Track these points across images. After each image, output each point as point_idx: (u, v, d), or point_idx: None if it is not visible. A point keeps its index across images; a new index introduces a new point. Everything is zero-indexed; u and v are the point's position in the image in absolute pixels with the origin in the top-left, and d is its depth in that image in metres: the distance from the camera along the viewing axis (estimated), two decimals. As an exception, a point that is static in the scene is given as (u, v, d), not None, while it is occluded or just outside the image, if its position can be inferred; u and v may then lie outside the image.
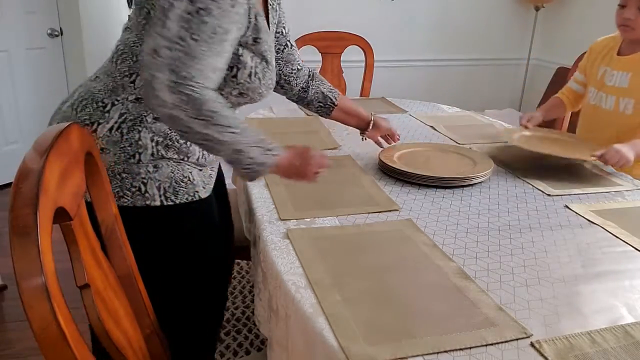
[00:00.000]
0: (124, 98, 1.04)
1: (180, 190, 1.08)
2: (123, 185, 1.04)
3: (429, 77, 3.98)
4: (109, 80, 1.06)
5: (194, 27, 0.91)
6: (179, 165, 1.08)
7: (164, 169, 1.06)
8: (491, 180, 1.41)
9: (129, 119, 1.03)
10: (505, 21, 3.98)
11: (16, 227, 0.54)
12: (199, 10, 0.91)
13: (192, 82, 0.91)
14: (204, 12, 0.91)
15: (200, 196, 1.12)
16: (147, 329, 0.94)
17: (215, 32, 0.93)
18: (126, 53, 1.06)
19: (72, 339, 0.55)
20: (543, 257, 1.02)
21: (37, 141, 0.67)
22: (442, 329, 0.78)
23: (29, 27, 3.16)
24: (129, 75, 1.05)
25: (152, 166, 1.05)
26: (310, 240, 1.03)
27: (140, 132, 1.03)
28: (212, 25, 0.92)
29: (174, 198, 1.07)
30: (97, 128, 1.03)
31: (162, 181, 1.05)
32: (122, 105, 1.04)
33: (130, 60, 1.05)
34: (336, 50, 2.72)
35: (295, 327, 0.86)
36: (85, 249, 0.76)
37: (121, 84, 1.05)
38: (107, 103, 1.04)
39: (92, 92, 1.06)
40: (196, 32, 0.91)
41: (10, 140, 3.21)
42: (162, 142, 1.05)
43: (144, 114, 1.04)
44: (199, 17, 0.91)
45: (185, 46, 0.91)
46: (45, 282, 0.53)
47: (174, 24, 0.90)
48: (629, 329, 0.80)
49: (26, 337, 1.92)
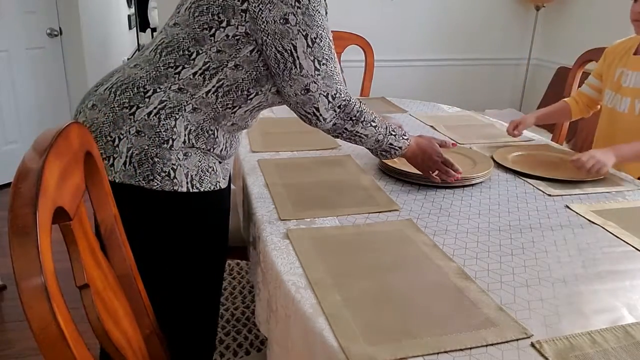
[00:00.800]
0: (167, 87, 1.09)
1: (205, 179, 1.13)
2: (154, 169, 1.07)
3: (429, 77, 3.98)
4: (152, 69, 1.11)
5: (318, 55, 1.09)
6: (206, 156, 1.14)
7: (192, 157, 1.11)
8: (491, 180, 1.41)
9: (169, 106, 1.09)
10: (506, 21, 3.98)
11: (15, 227, 0.54)
12: (314, 40, 1.08)
13: (340, 94, 1.13)
14: (318, 39, 1.09)
15: (220, 186, 1.18)
16: (147, 329, 0.94)
17: (330, 47, 1.13)
18: (172, 46, 1.11)
19: (72, 339, 0.55)
20: (543, 257, 1.02)
21: (37, 141, 0.67)
22: (443, 329, 0.78)
23: (28, 27, 3.16)
24: (174, 67, 1.10)
25: (183, 154, 1.09)
26: (310, 240, 1.03)
27: (177, 119, 1.09)
28: (326, 44, 1.11)
29: (199, 186, 1.12)
30: (135, 111, 1.08)
31: (190, 169, 1.10)
32: (163, 93, 1.09)
33: (176, 54, 1.11)
34: (336, 50, 2.71)
35: (295, 327, 0.86)
36: (85, 249, 0.76)
37: (165, 74, 1.10)
38: (148, 89, 1.09)
39: (134, 78, 1.11)
40: (322, 58, 1.10)
41: (9, 139, 3.21)
42: (194, 132, 1.11)
43: (183, 103, 1.09)
44: (318, 45, 1.09)
45: (322, 73, 1.10)
46: (44, 282, 0.53)
47: (305, 61, 1.08)
48: (630, 329, 0.80)
49: (26, 337, 1.92)
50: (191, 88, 1.10)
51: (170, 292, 1.17)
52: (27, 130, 3.25)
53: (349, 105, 1.15)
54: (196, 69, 1.09)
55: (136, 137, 1.06)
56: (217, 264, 1.27)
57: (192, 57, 1.09)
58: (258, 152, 1.59)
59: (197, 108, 1.11)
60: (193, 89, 1.10)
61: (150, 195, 1.07)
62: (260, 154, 1.57)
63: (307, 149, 1.50)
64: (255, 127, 1.85)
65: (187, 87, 1.09)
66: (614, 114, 1.67)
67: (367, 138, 1.21)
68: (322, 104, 1.11)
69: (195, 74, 1.09)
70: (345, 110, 1.15)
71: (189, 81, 1.09)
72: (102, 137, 1.07)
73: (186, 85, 1.09)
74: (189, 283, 1.20)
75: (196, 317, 1.26)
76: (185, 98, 1.10)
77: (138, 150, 1.06)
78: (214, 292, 1.29)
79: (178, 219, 1.14)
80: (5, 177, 3.17)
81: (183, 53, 1.10)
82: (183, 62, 1.10)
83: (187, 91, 1.10)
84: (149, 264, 1.04)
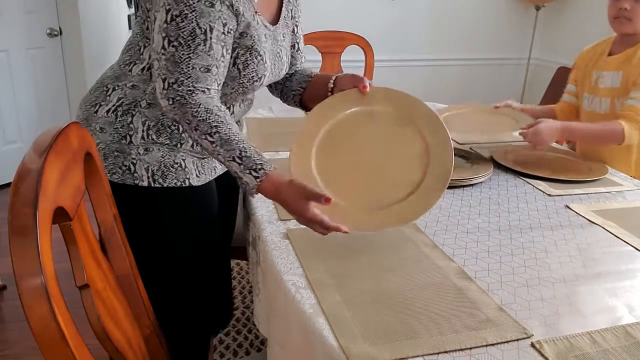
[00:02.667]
0: (124, 84, 1.12)
1: (169, 175, 1.12)
2: (116, 162, 1.10)
3: (429, 77, 3.97)
4: (116, 67, 1.15)
5: (172, 34, 0.98)
6: (172, 151, 1.12)
7: (154, 152, 1.11)
8: (491, 180, 1.41)
9: (125, 103, 1.10)
10: (506, 21, 3.97)
11: (15, 227, 0.54)
12: (174, 18, 0.98)
13: (178, 87, 0.99)
14: (179, 18, 0.97)
15: (191, 183, 1.15)
16: (147, 329, 0.94)
17: (195, 34, 0.98)
18: (130, 42, 1.15)
19: (72, 339, 0.55)
20: (543, 257, 1.02)
21: (37, 141, 0.67)
22: (442, 329, 0.78)
23: (28, 27, 3.15)
24: (128, 64, 1.13)
25: (143, 149, 1.10)
26: (310, 240, 1.03)
27: (133, 115, 1.10)
28: (189, 29, 0.98)
29: (161, 181, 1.11)
30: (98, 109, 1.12)
31: (151, 164, 1.10)
32: (121, 90, 1.11)
33: (132, 50, 1.13)
34: (336, 50, 2.71)
35: (295, 327, 0.86)
36: (85, 249, 0.76)
37: (123, 72, 1.13)
38: (109, 88, 1.13)
39: (103, 78, 1.16)
40: (175, 39, 0.98)
41: (9, 140, 3.20)
42: (153, 127, 1.10)
43: (138, 100, 1.10)
44: (175, 24, 0.98)
45: (167, 54, 0.99)
46: (44, 283, 0.53)
47: (157, 35, 1.00)
48: (630, 329, 0.80)
49: (26, 337, 1.92)
50: (142, 84, 1.11)
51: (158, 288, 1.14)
52: (27, 130, 3.24)
53: (186, 105, 0.99)
54: (144, 64, 1.11)
55: (100, 133, 1.11)
56: (209, 261, 1.26)
57: (141, 51, 1.12)
58: (258, 152, 1.58)
59: (152, 104, 1.10)
60: (143, 84, 1.11)
61: (115, 189, 1.01)
62: (260, 154, 1.57)
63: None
64: (256, 127, 1.85)
65: (139, 83, 1.11)
66: (596, 116, 1.66)
67: (208, 152, 1.02)
68: (158, 86, 1.01)
69: (143, 69, 1.11)
70: (182, 109, 0.99)
71: (139, 77, 1.11)
72: None
73: (138, 82, 1.11)
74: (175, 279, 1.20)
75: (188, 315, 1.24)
76: (139, 94, 1.11)
77: (103, 145, 1.10)
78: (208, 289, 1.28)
79: (144, 213, 1.14)
80: (5, 177, 3.17)
81: (136, 49, 1.13)
82: (135, 58, 1.12)
83: (139, 87, 1.11)
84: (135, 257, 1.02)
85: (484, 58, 4.04)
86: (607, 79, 1.61)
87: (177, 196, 1.14)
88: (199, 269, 1.23)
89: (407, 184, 0.96)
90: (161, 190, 1.12)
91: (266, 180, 0.96)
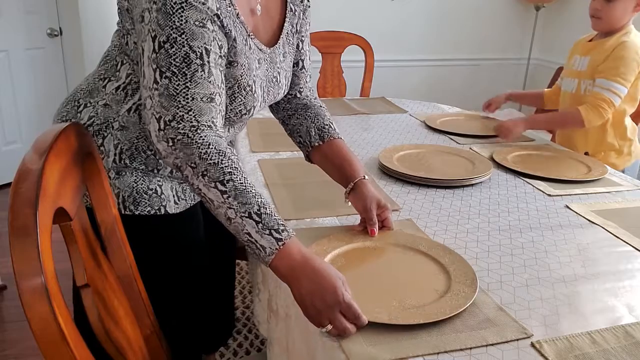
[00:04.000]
0: (96, 102, 1.01)
1: (141, 202, 1.01)
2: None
3: (429, 77, 3.98)
4: (91, 80, 1.04)
5: (163, 64, 0.84)
6: (146, 177, 1.02)
7: (126, 177, 1.00)
8: (491, 180, 1.41)
9: (96, 122, 1.00)
10: (505, 21, 3.98)
11: (16, 228, 0.54)
12: (162, 45, 0.84)
13: (178, 124, 0.84)
14: (167, 44, 0.84)
15: (167, 211, 1.03)
16: (147, 329, 0.94)
17: (189, 59, 0.84)
18: (107, 54, 1.04)
19: (72, 339, 0.55)
20: (543, 257, 1.02)
21: (37, 141, 0.67)
22: (442, 329, 0.78)
23: (28, 27, 3.15)
24: (102, 79, 1.02)
25: (115, 172, 1.00)
26: (310, 240, 1.03)
27: (104, 137, 0.99)
28: (181, 54, 0.84)
29: (132, 208, 1.01)
30: None
31: (122, 189, 1.00)
32: (92, 108, 1.01)
33: (108, 64, 1.02)
34: (336, 50, 2.72)
35: (295, 327, 0.86)
36: (85, 249, 0.76)
37: (96, 87, 1.02)
38: (81, 103, 1.02)
39: (75, 91, 1.05)
40: (166, 69, 0.84)
41: (9, 140, 3.21)
42: (127, 151, 1.00)
43: (110, 120, 1.00)
44: (165, 51, 0.84)
45: (160, 88, 0.84)
46: (44, 283, 0.53)
47: (147, 69, 0.86)
48: (629, 329, 0.80)
49: (26, 337, 1.92)
50: (114, 104, 1.00)
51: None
52: (27, 131, 3.25)
53: (191, 145, 0.83)
54: (120, 82, 1.00)
55: None
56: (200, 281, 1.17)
57: (118, 67, 1.01)
58: (258, 152, 1.58)
59: (124, 126, 0.99)
60: (116, 105, 1.00)
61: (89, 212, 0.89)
62: (260, 154, 1.57)
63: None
64: (256, 127, 1.85)
65: (111, 102, 1.00)
66: (566, 96, 1.87)
67: (213, 206, 0.83)
68: (152, 128, 0.85)
69: (117, 88, 1.00)
70: (185, 150, 0.83)
71: (112, 96, 1.00)
72: None
73: (111, 101, 1.00)
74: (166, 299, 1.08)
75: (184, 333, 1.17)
76: (111, 114, 1.00)
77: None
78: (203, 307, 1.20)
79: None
80: (5, 177, 3.17)
81: (112, 63, 1.02)
82: (110, 74, 1.01)
83: (111, 107, 1.00)
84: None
85: (484, 58, 4.04)
86: (578, 62, 1.82)
87: (149, 224, 1.03)
88: (184, 293, 1.13)
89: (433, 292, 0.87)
90: (134, 218, 1.00)
91: (291, 243, 0.80)
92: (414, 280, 0.90)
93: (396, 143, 1.70)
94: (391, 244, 1.02)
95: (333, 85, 2.77)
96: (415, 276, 0.92)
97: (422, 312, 0.81)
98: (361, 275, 0.91)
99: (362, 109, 2.19)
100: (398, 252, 0.99)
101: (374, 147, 1.66)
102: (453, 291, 0.86)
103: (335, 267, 0.85)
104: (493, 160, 1.54)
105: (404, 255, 0.98)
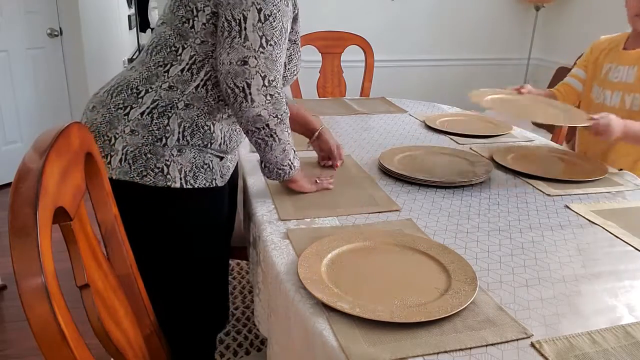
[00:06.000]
0: (158, 86, 1.12)
1: (199, 176, 1.14)
2: (147, 165, 1.09)
3: (429, 77, 3.98)
4: (144, 70, 1.14)
5: (268, 33, 1.03)
6: (201, 152, 1.14)
7: (187, 153, 1.12)
8: (491, 180, 1.41)
9: (161, 105, 1.11)
10: (505, 21, 3.98)
11: (16, 227, 0.54)
12: (267, 17, 1.03)
13: (276, 84, 1.06)
14: (271, 17, 1.03)
15: (217, 184, 1.18)
16: (147, 329, 0.94)
17: (282, 33, 1.06)
18: (160, 45, 1.14)
19: (72, 339, 0.55)
20: (543, 257, 1.02)
21: (37, 141, 0.67)
22: (442, 329, 0.78)
23: (28, 27, 3.16)
24: (163, 65, 1.12)
25: (177, 150, 1.11)
26: (310, 240, 1.03)
27: (169, 117, 1.10)
28: (279, 28, 1.05)
29: (192, 182, 1.13)
30: (129, 111, 1.10)
31: (184, 165, 1.11)
32: (155, 92, 1.11)
33: (164, 52, 1.13)
34: (336, 50, 2.72)
35: (295, 327, 0.86)
36: (85, 249, 0.76)
37: (155, 73, 1.13)
38: (141, 90, 1.12)
39: (128, 80, 1.14)
40: (270, 38, 1.04)
41: (9, 140, 3.21)
42: (188, 129, 1.12)
43: (175, 101, 1.11)
44: (269, 24, 1.03)
45: (266, 52, 1.04)
46: (44, 282, 0.53)
47: (252, 34, 1.02)
48: (630, 329, 0.80)
49: (26, 337, 1.92)
50: (180, 85, 1.11)
51: (170, 289, 1.18)
52: (27, 130, 3.25)
53: (280, 101, 1.07)
54: (184, 65, 1.11)
55: (130, 135, 1.09)
56: (217, 262, 1.28)
57: (179, 52, 1.11)
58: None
59: (189, 104, 1.12)
60: (182, 85, 1.11)
61: (144, 191, 1.08)
62: (260, 154, 1.57)
63: (306, 149, 1.50)
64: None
65: (176, 84, 1.11)
66: (604, 109, 1.65)
67: (278, 144, 1.11)
68: (255, 82, 1.03)
69: (183, 70, 1.11)
70: (275, 105, 1.07)
71: (177, 78, 1.11)
72: (100, 137, 1.11)
73: (176, 83, 1.11)
74: (189, 280, 1.21)
75: (196, 317, 1.26)
76: (176, 95, 1.11)
77: (132, 147, 1.09)
78: (213, 291, 1.29)
79: (173, 214, 1.15)
80: (5, 177, 3.17)
81: (170, 50, 1.12)
82: (171, 59, 1.12)
83: (177, 88, 1.11)
84: (147, 261, 1.05)
85: (483, 58, 4.04)
86: (621, 72, 1.62)
87: (205, 197, 1.17)
88: (208, 269, 1.25)
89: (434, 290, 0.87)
90: (192, 191, 1.13)
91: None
92: (414, 279, 0.91)
93: (396, 143, 1.70)
94: (391, 243, 1.02)
95: (333, 85, 2.77)
96: (416, 275, 0.92)
97: (424, 310, 0.81)
98: (361, 274, 0.92)
99: (362, 109, 2.19)
100: (398, 252, 0.99)
101: (374, 147, 1.66)
102: (454, 289, 0.86)
103: (336, 267, 0.93)
104: (493, 160, 1.54)
105: (404, 255, 0.98)
